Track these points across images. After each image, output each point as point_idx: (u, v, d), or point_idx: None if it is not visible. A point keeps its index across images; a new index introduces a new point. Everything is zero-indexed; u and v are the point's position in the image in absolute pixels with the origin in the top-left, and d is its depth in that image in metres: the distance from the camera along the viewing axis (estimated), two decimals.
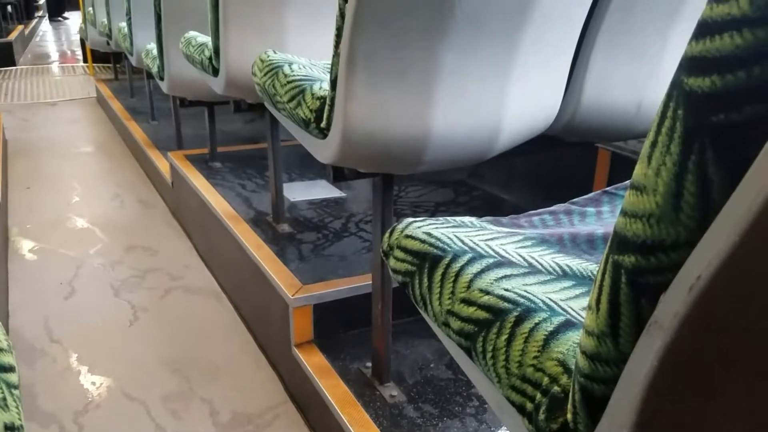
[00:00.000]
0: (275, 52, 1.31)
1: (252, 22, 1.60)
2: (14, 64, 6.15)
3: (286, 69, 1.22)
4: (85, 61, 6.23)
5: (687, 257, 0.41)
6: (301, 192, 2.23)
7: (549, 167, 2.10)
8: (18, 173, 3.19)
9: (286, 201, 2.09)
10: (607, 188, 0.96)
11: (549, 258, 0.75)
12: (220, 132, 2.54)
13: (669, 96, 0.42)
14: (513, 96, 1.12)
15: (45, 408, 1.50)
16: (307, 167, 2.46)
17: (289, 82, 1.18)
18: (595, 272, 0.72)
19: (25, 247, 2.38)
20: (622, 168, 1.86)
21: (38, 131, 4.00)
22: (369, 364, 1.41)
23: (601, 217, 0.89)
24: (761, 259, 0.36)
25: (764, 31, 0.34)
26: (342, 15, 0.98)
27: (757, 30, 0.35)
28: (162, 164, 2.85)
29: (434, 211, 2.11)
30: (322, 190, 2.26)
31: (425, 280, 0.72)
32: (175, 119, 2.87)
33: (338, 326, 1.56)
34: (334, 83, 1.04)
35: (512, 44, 1.07)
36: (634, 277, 0.44)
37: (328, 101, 1.08)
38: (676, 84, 0.41)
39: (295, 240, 1.82)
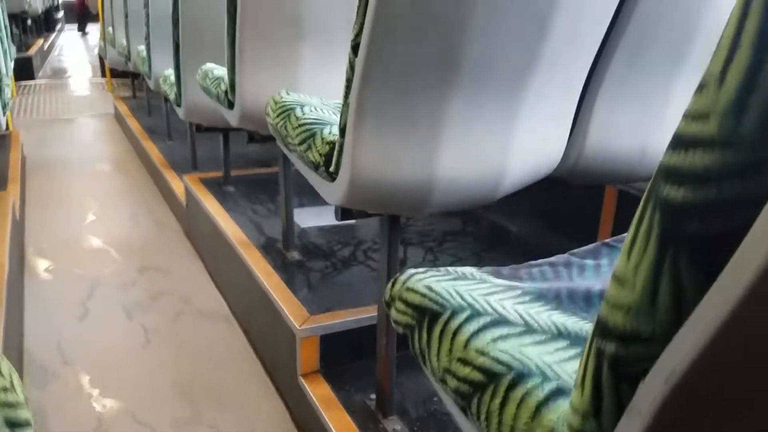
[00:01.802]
0: (288, 93, 1.35)
1: (267, 58, 1.65)
2: (33, 78, 6.27)
3: (298, 112, 1.26)
4: (103, 76, 6.33)
5: (663, 350, 0.44)
6: (311, 218, 2.27)
7: (556, 200, 2.12)
8: (35, 191, 3.26)
9: (296, 227, 2.13)
10: (608, 240, 0.98)
11: (546, 315, 0.77)
12: (234, 153, 2.59)
13: (647, 199, 0.44)
14: (517, 143, 1.16)
15: (55, 431, 1.54)
16: (318, 193, 2.50)
17: (300, 125, 1.22)
18: (589, 332, 0.74)
19: (40, 266, 2.43)
20: (628, 203, 1.88)
21: (56, 148, 4.08)
22: (373, 396, 1.44)
23: (599, 271, 0.91)
24: (733, 356, 0.39)
25: (732, 153, 0.37)
26: (352, 68, 1.02)
27: (725, 151, 0.38)
28: (177, 185, 2.90)
29: (441, 240, 2.13)
30: (332, 216, 2.29)
31: (424, 335, 0.75)
32: (190, 142, 2.92)
33: (344, 356, 1.59)
34: (343, 130, 1.08)
35: (517, 94, 1.11)
36: (614, 364, 0.47)
37: (337, 147, 1.11)
38: (653, 189, 0.44)
39: (304, 268, 1.85)
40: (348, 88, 1.04)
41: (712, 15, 1.15)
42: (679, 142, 0.40)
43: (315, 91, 1.68)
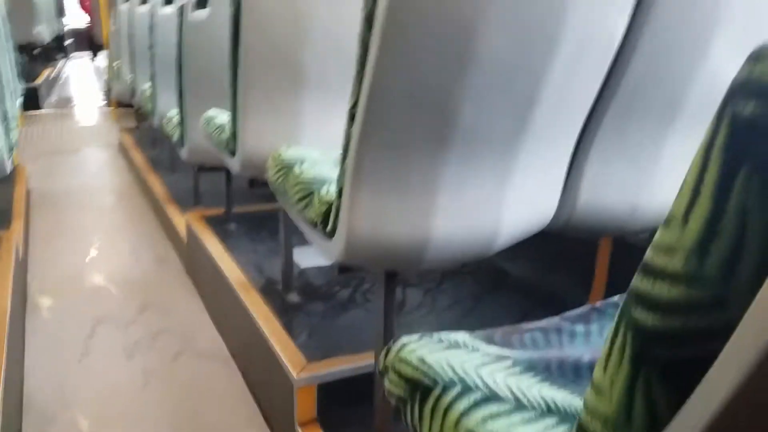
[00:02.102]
0: (288, 149, 1.39)
1: (268, 108, 1.69)
2: (39, 108, 6.34)
3: (297, 170, 1.29)
4: (109, 105, 6.41)
5: None
6: (311, 257, 2.29)
7: (554, 243, 2.14)
8: (39, 225, 3.29)
9: (296, 267, 2.14)
10: (598, 304, 1.00)
11: (536, 389, 0.79)
12: (237, 187, 2.61)
13: (621, 315, 0.47)
14: (510, 201, 1.18)
15: None
16: None
17: (298, 183, 1.25)
18: (578, 409, 0.76)
19: (43, 305, 2.45)
20: (623, 247, 1.90)
21: (61, 181, 4.13)
22: None
23: (589, 339, 0.93)
24: None
25: (697, 289, 0.40)
26: (348, 136, 1.05)
27: (691, 287, 0.40)
28: (178, 221, 2.93)
29: (440, 281, 2.15)
30: None
31: (416, 410, 0.77)
32: (194, 179, 2.95)
33: (342, 403, 1.59)
34: (340, 192, 1.11)
35: (509, 156, 1.13)
36: None
37: (334, 207, 1.14)
38: (626, 308, 0.46)
39: (303, 310, 1.87)
40: (345, 152, 1.07)
41: (702, 77, 1.19)
42: (648, 271, 0.42)
43: (316, 139, 1.72)
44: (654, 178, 1.28)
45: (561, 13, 0.99)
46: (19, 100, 2.94)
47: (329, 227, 1.15)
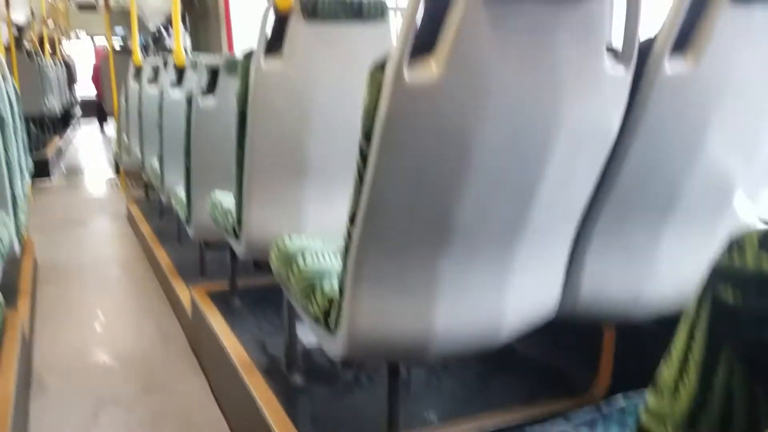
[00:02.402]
0: (291, 239, 1.42)
1: (273, 196, 1.73)
2: (49, 177, 6.46)
3: (300, 261, 1.32)
4: (117, 173, 6.51)
5: None
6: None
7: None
8: (46, 301, 3.31)
9: (300, 344, 2.14)
10: (602, 408, 1.00)
11: None
12: (242, 260, 2.62)
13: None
14: (512, 296, 1.20)
15: None
16: None
17: (301, 277, 1.27)
18: None
19: (47, 386, 2.44)
20: (629, 328, 1.90)
21: (68, 253, 4.17)
22: None
23: None
24: None
25: None
26: (349, 235, 1.08)
27: None
28: (184, 295, 2.94)
29: (446, 361, 2.13)
30: None
31: None
32: (199, 254, 2.98)
33: None
34: (342, 289, 1.13)
35: (508, 251, 1.16)
36: None
37: (335, 304, 1.16)
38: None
39: (307, 394, 1.85)
40: (346, 251, 1.10)
41: (698, 171, 1.22)
42: None
43: (319, 226, 1.76)
44: (654, 269, 1.30)
45: (556, 112, 1.03)
46: (29, 179, 3.01)
47: (332, 324, 1.17)
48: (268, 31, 1.65)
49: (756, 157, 1.27)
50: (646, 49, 1.08)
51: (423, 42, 0.94)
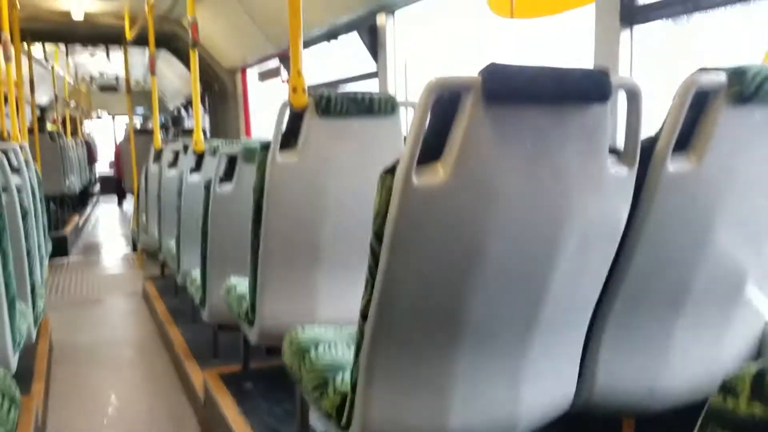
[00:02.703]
0: (303, 330, 1.43)
1: (286, 283, 1.75)
2: (67, 255, 6.54)
3: (312, 354, 1.32)
4: (134, 250, 6.58)
5: None
6: None
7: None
8: (60, 383, 3.29)
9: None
10: None
11: None
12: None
13: None
14: (526, 390, 1.19)
15: None
16: None
17: (313, 371, 1.27)
18: None
19: None
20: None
21: (83, 333, 4.18)
22: None
23: None
24: None
25: None
26: (361, 332, 1.09)
27: None
28: (196, 378, 2.92)
29: None
30: None
31: None
32: (213, 335, 2.98)
33: None
34: (354, 385, 1.13)
35: (522, 345, 1.16)
36: None
37: (348, 400, 1.15)
38: None
39: None
40: (358, 349, 1.11)
41: (707, 262, 1.23)
42: None
43: (331, 314, 1.77)
44: (668, 360, 1.29)
45: (563, 212, 1.05)
46: (46, 260, 3.06)
47: (344, 420, 1.16)
48: (284, 125, 1.71)
49: (766, 248, 1.27)
50: (648, 147, 1.11)
51: (431, 148, 0.98)
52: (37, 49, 7.66)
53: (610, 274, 1.21)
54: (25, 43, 5.75)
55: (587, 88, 0.97)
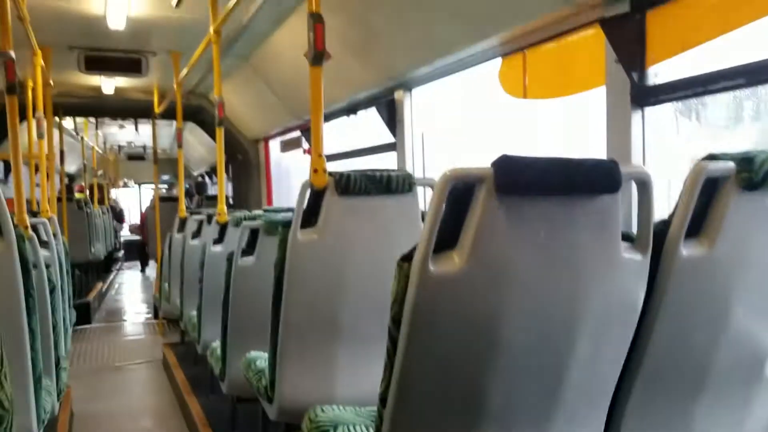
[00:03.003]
0: (323, 410, 1.43)
1: (306, 360, 1.76)
2: (90, 323, 6.59)
3: None
4: (155, 317, 6.62)
5: None
6: None
7: None
8: None
9: None
10: None
11: None
12: None
13: None
14: None
15: None
16: None
17: None
18: None
19: None
20: None
21: (103, 402, 4.17)
22: None
23: None
24: None
25: None
26: (380, 417, 1.09)
27: None
28: None
29: None
30: None
31: None
32: (231, 407, 2.97)
33: None
34: None
35: (542, 430, 1.15)
36: None
37: None
38: None
39: None
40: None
41: (726, 343, 1.22)
42: None
43: (351, 391, 1.77)
44: None
45: (578, 298, 1.07)
46: (70, 331, 3.10)
47: None
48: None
49: None
50: (661, 232, 1.13)
51: (446, 236, 1.01)
52: (68, 119, 7.98)
53: (629, 357, 1.21)
54: (56, 117, 6.00)
55: (597, 180, 1.00)
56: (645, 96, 1.90)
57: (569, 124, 2.71)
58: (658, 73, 1.90)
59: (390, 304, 1.09)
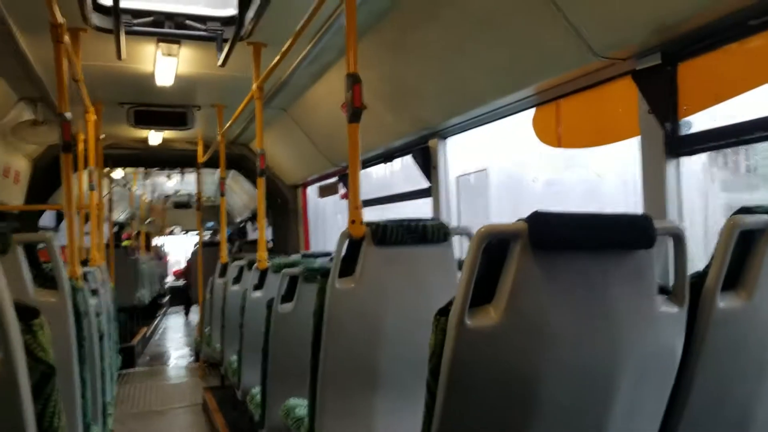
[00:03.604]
0: None
1: (345, 409, 1.78)
2: (133, 366, 6.71)
3: None
4: (196, 362, 6.71)
5: None
6: None
7: None
8: None
9: None
10: None
11: None
12: None
13: None
14: None
15: None
16: None
17: None
18: None
19: None
20: None
21: None
22: None
23: None
24: None
25: None
26: None
27: None
28: None
29: None
30: None
31: None
32: None
33: None
34: None
35: None
36: None
37: None
38: None
39: None
40: None
41: (765, 402, 1.20)
42: None
43: None
44: None
45: (615, 351, 1.07)
46: (115, 377, 3.17)
47: None
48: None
49: None
50: (697, 284, 1.14)
51: (482, 290, 1.03)
52: (117, 170, 8.30)
53: (668, 409, 1.20)
54: (106, 168, 6.26)
55: (631, 236, 1.02)
56: (679, 146, 1.92)
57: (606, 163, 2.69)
58: (693, 123, 1.91)
59: (426, 355, 1.11)
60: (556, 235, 0.99)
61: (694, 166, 1.98)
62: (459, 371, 1.03)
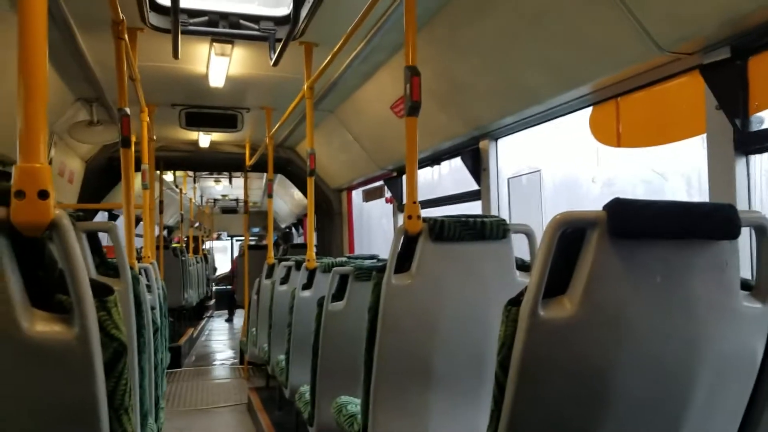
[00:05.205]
0: None
1: (399, 406, 1.76)
2: (180, 366, 6.82)
3: None
4: (241, 363, 6.78)
5: None
6: None
7: None
8: None
9: None
10: None
11: None
12: None
13: None
14: None
15: None
16: None
17: None
18: None
19: None
20: None
21: None
22: None
23: None
24: None
25: None
26: None
27: None
28: None
29: None
30: None
31: None
32: None
33: None
34: None
35: None
36: None
37: None
38: None
39: None
40: None
41: None
42: None
43: None
44: None
45: (694, 347, 1.02)
46: (165, 373, 3.21)
47: None
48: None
49: None
50: None
51: (555, 281, 1.00)
52: (168, 174, 8.49)
53: (748, 411, 1.14)
54: (158, 170, 6.40)
55: (716, 225, 0.97)
56: (750, 143, 1.84)
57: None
58: (765, 119, 1.84)
59: (483, 353, 1.09)
60: (637, 223, 0.95)
61: (765, 164, 1.90)
62: (530, 363, 1.00)
